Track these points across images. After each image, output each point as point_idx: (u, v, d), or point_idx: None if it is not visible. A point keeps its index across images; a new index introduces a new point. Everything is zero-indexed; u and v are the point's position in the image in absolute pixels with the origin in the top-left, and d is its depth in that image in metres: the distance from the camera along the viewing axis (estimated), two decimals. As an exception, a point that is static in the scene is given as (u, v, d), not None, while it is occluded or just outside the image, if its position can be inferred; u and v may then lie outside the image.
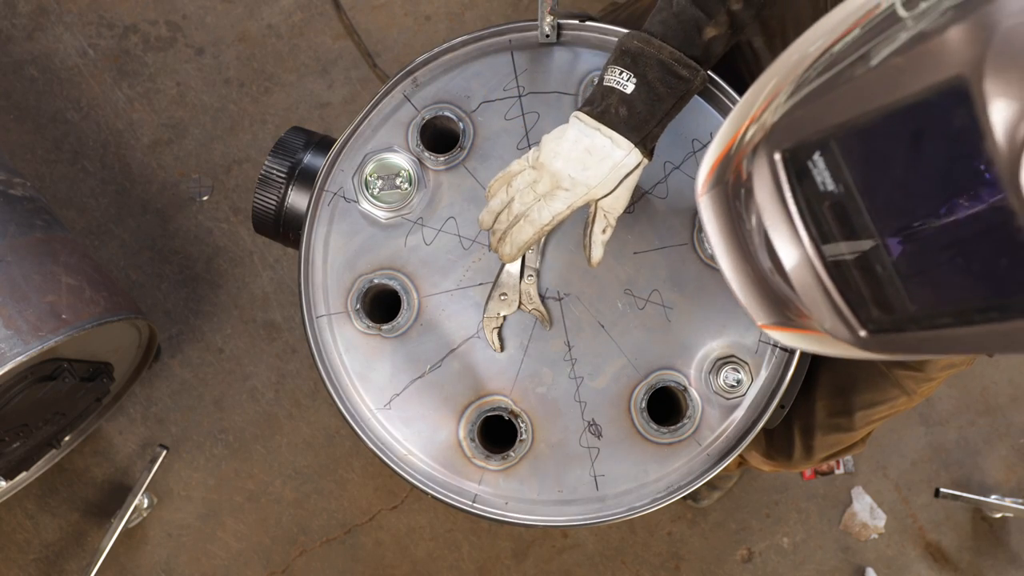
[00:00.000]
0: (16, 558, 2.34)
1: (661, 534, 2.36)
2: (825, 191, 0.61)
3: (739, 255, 0.72)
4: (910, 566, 2.37)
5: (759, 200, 0.66)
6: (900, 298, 0.60)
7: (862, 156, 0.59)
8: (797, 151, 0.63)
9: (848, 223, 0.60)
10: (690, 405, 1.35)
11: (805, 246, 0.63)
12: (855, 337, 0.64)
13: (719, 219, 0.73)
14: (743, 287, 0.73)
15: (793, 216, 0.63)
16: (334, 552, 2.36)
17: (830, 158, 0.60)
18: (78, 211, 2.42)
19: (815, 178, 0.61)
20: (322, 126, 2.43)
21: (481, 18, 2.49)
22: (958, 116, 0.51)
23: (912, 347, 0.62)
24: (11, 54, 2.46)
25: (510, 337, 1.39)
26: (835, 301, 0.64)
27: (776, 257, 0.66)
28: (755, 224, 0.67)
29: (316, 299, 1.40)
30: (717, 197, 0.73)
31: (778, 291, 0.69)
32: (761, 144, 0.66)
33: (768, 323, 0.74)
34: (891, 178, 0.58)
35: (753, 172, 0.66)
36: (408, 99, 1.42)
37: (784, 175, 0.64)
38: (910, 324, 0.60)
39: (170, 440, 2.36)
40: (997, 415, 2.41)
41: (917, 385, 1.42)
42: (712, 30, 1.15)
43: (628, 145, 1.16)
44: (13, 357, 1.70)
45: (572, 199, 1.18)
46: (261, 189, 1.45)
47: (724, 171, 0.72)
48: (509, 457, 1.36)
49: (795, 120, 0.64)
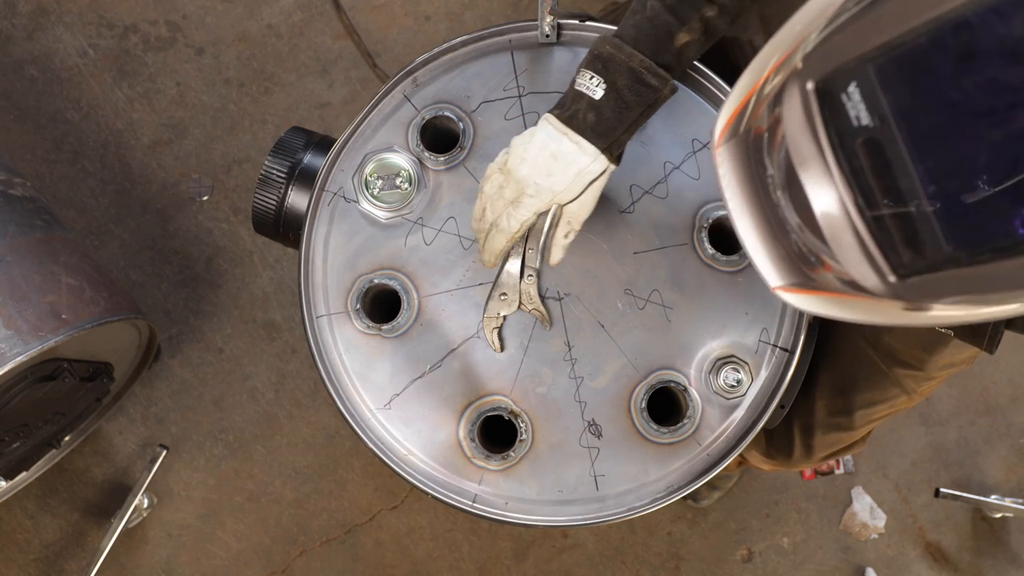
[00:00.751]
0: (16, 558, 2.34)
1: (661, 534, 2.36)
2: (859, 126, 0.58)
3: (758, 209, 0.68)
4: (910, 566, 2.37)
5: (789, 136, 0.62)
6: (935, 237, 0.57)
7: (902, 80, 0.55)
8: (830, 82, 0.60)
9: (883, 159, 0.57)
10: (690, 405, 1.35)
11: (837, 183, 0.60)
12: (884, 283, 0.61)
13: (736, 171, 0.70)
14: (760, 245, 0.70)
15: (825, 152, 0.60)
16: (334, 552, 2.36)
17: (866, 88, 0.57)
18: (78, 211, 2.42)
19: (848, 112, 0.58)
20: (322, 126, 2.43)
21: (481, 18, 2.50)
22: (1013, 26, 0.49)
23: (946, 289, 0.59)
24: (11, 54, 2.46)
25: (510, 337, 1.39)
26: (865, 243, 0.60)
27: (802, 199, 0.62)
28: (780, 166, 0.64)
29: (316, 299, 1.40)
30: (734, 149, 0.70)
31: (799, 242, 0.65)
32: (792, 77, 0.62)
33: (785, 284, 0.70)
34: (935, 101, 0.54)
35: (784, 106, 0.63)
36: (408, 99, 1.42)
37: (816, 108, 0.61)
38: (946, 263, 0.57)
39: (170, 440, 2.36)
40: (997, 415, 2.41)
41: (917, 384, 1.42)
42: (685, 36, 1.15)
43: (594, 151, 1.16)
44: (13, 357, 1.70)
45: (538, 205, 1.18)
46: (261, 189, 1.45)
47: (741, 122, 0.69)
48: (509, 457, 1.36)
49: (829, 48, 0.61)
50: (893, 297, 0.62)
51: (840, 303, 0.66)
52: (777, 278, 0.70)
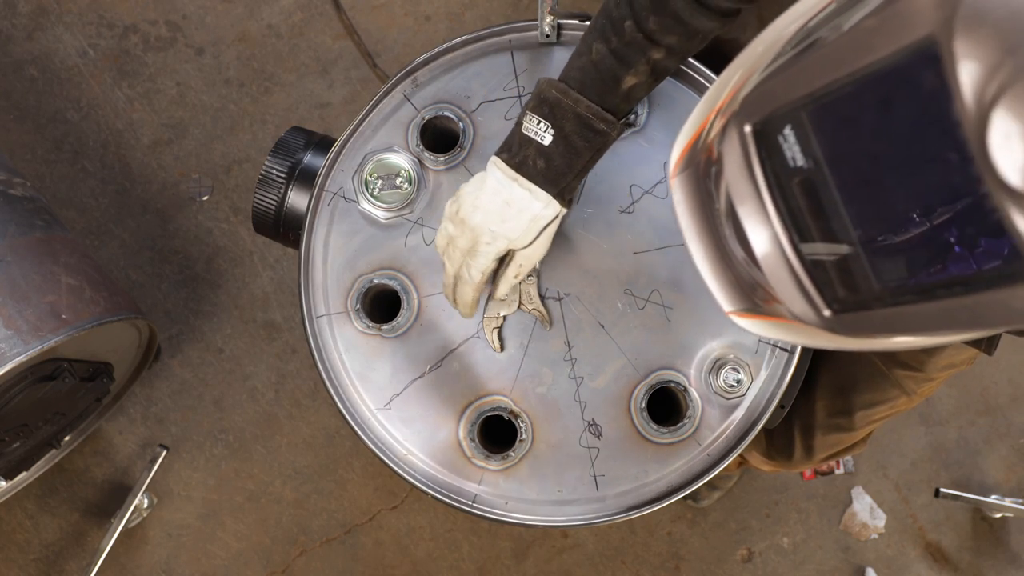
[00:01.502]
0: (16, 558, 2.34)
1: (661, 534, 2.36)
2: (795, 166, 0.60)
3: (708, 238, 0.71)
4: (910, 566, 2.37)
5: (728, 176, 0.65)
6: (866, 276, 0.59)
7: (832, 127, 0.58)
8: (767, 124, 0.62)
9: (816, 199, 0.59)
10: (690, 405, 1.35)
11: (773, 223, 0.62)
12: (820, 317, 0.63)
13: (689, 202, 0.72)
14: (712, 272, 0.73)
15: (762, 192, 0.62)
16: (334, 552, 2.36)
17: (800, 131, 0.59)
18: (78, 211, 2.42)
19: (785, 153, 0.60)
20: (322, 126, 2.43)
21: (481, 18, 2.49)
22: (928, 78, 0.50)
23: (877, 326, 0.61)
24: (11, 54, 2.46)
25: (510, 337, 1.39)
26: (801, 279, 0.62)
27: (743, 235, 0.65)
28: (724, 202, 0.66)
29: (316, 299, 1.40)
30: (687, 179, 0.72)
31: (745, 274, 0.68)
32: (732, 119, 0.65)
33: (736, 310, 0.73)
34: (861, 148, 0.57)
35: (723, 148, 0.65)
36: (408, 99, 1.42)
37: (754, 150, 0.63)
38: (875, 302, 0.59)
39: (170, 440, 2.36)
40: (997, 415, 2.41)
41: (917, 385, 1.42)
42: (632, 79, 1.14)
43: (546, 197, 1.15)
44: (13, 357, 1.70)
45: (495, 252, 1.19)
46: (261, 189, 1.45)
47: (695, 153, 0.71)
48: (509, 457, 1.36)
49: (765, 92, 0.63)
50: (829, 330, 0.64)
51: (788, 328, 0.68)
52: (727, 304, 0.73)
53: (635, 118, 1.38)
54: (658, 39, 1.10)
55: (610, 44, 1.12)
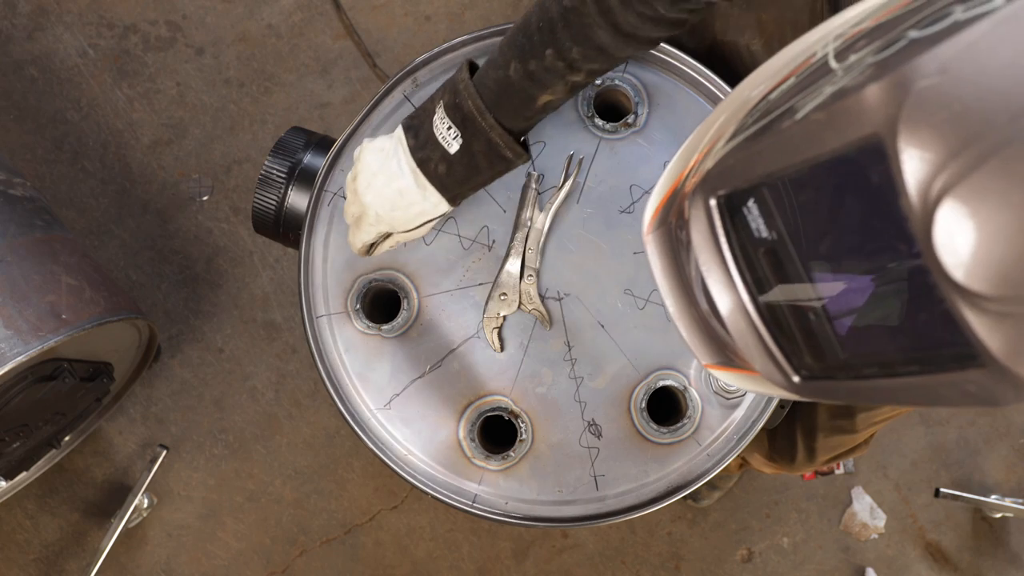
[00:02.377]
0: (16, 558, 2.34)
1: (661, 534, 2.36)
2: (760, 238, 0.61)
3: (682, 296, 0.72)
4: (910, 566, 2.37)
5: (695, 244, 0.66)
6: (831, 346, 0.60)
7: (791, 205, 0.59)
8: (731, 197, 0.63)
9: (782, 270, 0.61)
10: (690, 405, 1.35)
11: (739, 292, 0.64)
12: (788, 383, 0.65)
13: (663, 259, 0.74)
14: (687, 328, 0.74)
15: (728, 262, 0.64)
16: (334, 552, 2.36)
17: (763, 205, 0.61)
18: (78, 211, 2.42)
19: (750, 224, 0.62)
20: (322, 126, 2.43)
21: (481, 18, 2.49)
22: (875, 173, 0.52)
23: (842, 394, 0.63)
24: (11, 54, 2.46)
25: (510, 337, 1.39)
26: (769, 347, 0.64)
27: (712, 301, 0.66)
28: (693, 266, 0.67)
29: (316, 299, 1.40)
30: (662, 237, 0.73)
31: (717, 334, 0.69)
32: (697, 189, 0.66)
33: (712, 363, 0.74)
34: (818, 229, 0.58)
35: (690, 216, 0.66)
36: (408, 99, 1.42)
37: (719, 220, 0.64)
38: (840, 372, 0.61)
39: (170, 440, 2.36)
40: (997, 415, 2.41)
41: (918, 386, 1.42)
42: (547, 97, 1.14)
43: (438, 199, 1.20)
44: (13, 357, 1.70)
45: (375, 232, 1.25)
46: (261, 189, 1.45)
47: (669, 211, 0.72)
48: (509, 457, 1.36)
49: (728, 167, 0.64)
50: (799, 395, 0.66)
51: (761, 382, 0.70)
52: (704, 358, 0.75)
53: (635, 118, 1.38)
54: (579, 67, 1.11)
55: (527, 66, 1.11)
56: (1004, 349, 0.50)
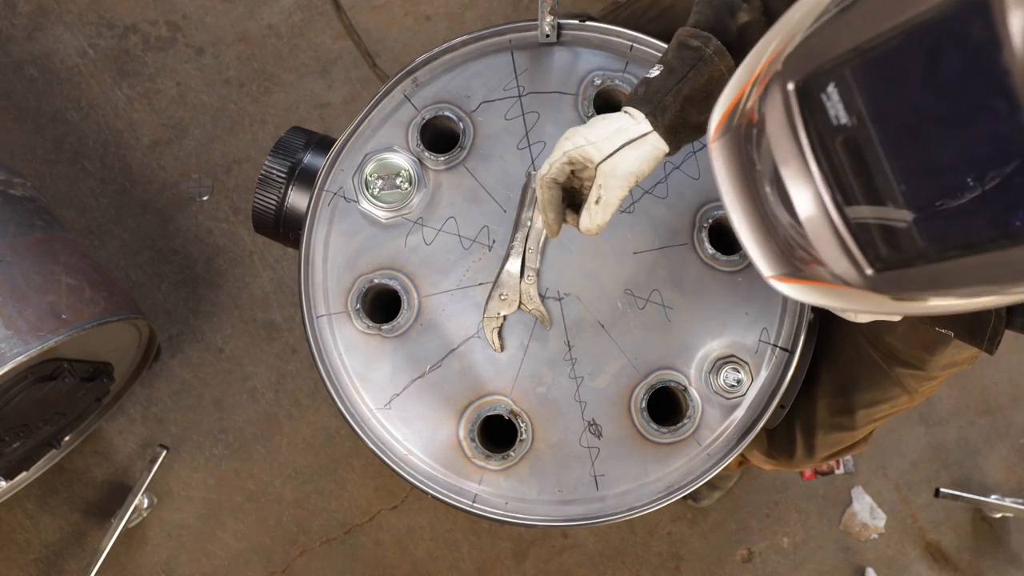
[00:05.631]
0: (16, 558, 2.34)
1: (661, 534, 2.36)
2: (838, 124, 0.60)
3: (749, 202, 0.70)
4: (910, 566, 2.37)
5: (770, 135, 0.64)
6: (910, 233, 0.58)
7: (876, 82, 0.57)
8: (810, 82, 0.62)
9: (860, 157, 0.59)
10: (690, 405, 1.35)
11: (816, 182, 0.62)
12: (862, 277, 0.63)
13: (730, 166, 0.72)
14: (753, 236, 0.72)
15: (805, 151, 0.62)
16: (334, 552, 2.36)
17: (844, 88, 0.59)
18: (78, 211, 2.42)
19: (828, 111, 0.60)
20: (322, 126, 2.43)
21: (481, 18, 2.49)
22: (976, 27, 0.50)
23: (920, 284, 0.61)
24: (11, 54, 2.46)
25: (510, 337, 1.39)
26: (843, 238, 0.62)
27: (786, 195, 0.64)
28: (766, 163, 0.66)
29: (316, 299, 1.40)
30: (728, 143, 0.72)
31: (787, 235, 0.67)
32: (774, 78, 0.64)
33: (776, 274, 0.72)
34: (906, 102, 0.56)
35: (765, 108, 0.65)
36: (408, 99, 1.42)
37: (796, 108, 0.63)
38: (918, 259, 0.59)
39: (170, 440, 2.36)
40: (997, 415, 2.41)
41: (918, 384, 1.42)
42: (745, 15, 1.17)
43: (638, 114, 1.17)
44: (13, 357, 1.70)
45: (571, 145, 1.17)
46: (261, 189, 1.45)
47: (734, 118, 0.71)
48: (509, 457, 1.36)
49: (809, 49, 0.63)
50: (872, 290, 0.64)
51: (830, 292, 0.68)
52: (768, 268, 0.73)
53: None
54: None
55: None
56: None
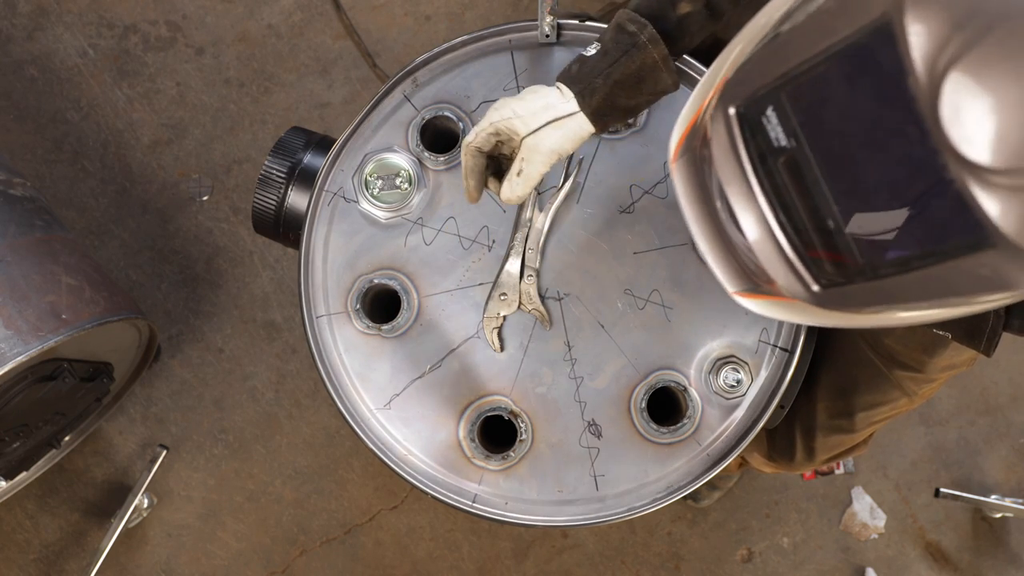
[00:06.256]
0: (16, 558, 2.34)
1: (661, 534, 2.36)
2: (778, 146, 0.61)
3: (707, 221, 0.72)
4: (910, 566, 2.37)
5: (716, 158, 0.66)
6: (850, 251, 0.60)
7: (807, 107, 0.59)
8: (750, 106, 0.63)
9: (800, 178, 0.61)
10: (690, 405, 1.35)
11: (759, 202, 0.64)
12: (810, 293, 0.65)
13: (688, 185, 0.73)
14: (712, 255, 0.74)
15: (747, 172, 0.64)
16: (334, 552, 2.36)
17: (781, 112, 0.61)
18: (78, 211, 2.42)
19: (768, 134, 0.62)
20: (322, 126, 2.43)
21: (481, 18, 2.49)
22: (885, 55, 0.52)
23: (863, 300, 0.63)
24: (11, 54, 2.46)
25: (510, 337, 1.39)
26: (788, 257, 0.64)
27: (734, 216, 0.66)
28: (716, 184, 0.67)
29: (316, 299, 1.40)
30: (686, 164, 0.73)
31: (742, 255, 0.69)
32: (717, 103, 0.66)
33: (738, 290, 0.74)
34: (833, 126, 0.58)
35: (712, 130, 0.66)
36: (408, 99, 1.42)
37: (738, 131, 0.64)
38: (858, 276, 0.61)
39: (170, 440, 2.36)
40: (997, 415, 2.41)
41: (918, 386, 1.42)
42: (687, 6, 1.16)
43: (568, 93, 1.17)
44: (13, 357, 1.70)
45: (498, 117, 1.17)
46: (261, 189, 1.45)
47: (692, 138, 0.72)
48: (509, 457, 1.36)
49: (745, 76, 0.64)
50: (821, 306, 0.66)
51: (786, 307, 0.70)
52: (731, 285, 0.75)
53: (635, 119, 1.38)
54: None
55: None
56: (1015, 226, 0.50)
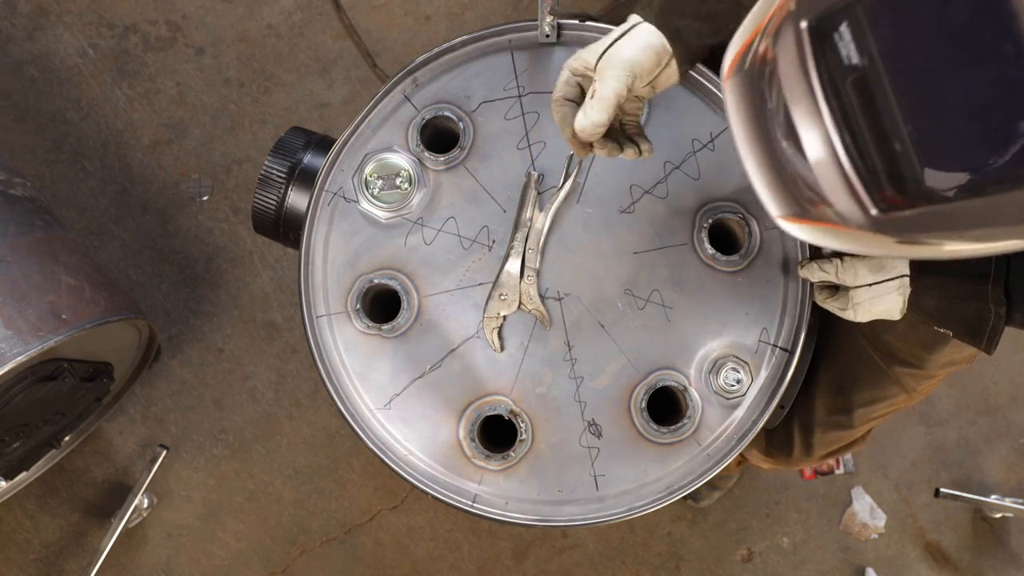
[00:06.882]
0: (16, 558, 2.34)
1: (661, 534, 2.36)
2: (849, 64, 0.60)
3: (759, 140, 0.71)
4: (910, 566, 2.37)
5: (782, 74, 0.64)
6: (915, 173, 0.59)
7: (887, 23, 0.58)
8: (822, 22, 0.62)
9: (870, 98, 0.60)
10: (690, 405, 1.35)
11: (825, 121, 0.62)
12: (867, 217, 0.63)
13: (742, 105, 0.72)
14: (762, 175, 0.72)
15: (816, 91, 0.63)
16: (334, 552, 2.36)
17: (856, 27, 0.59)
18: (78, 211, 2.42)
19: (840, 51, 0.60)
20: (322, 126, 2.43)
21: (481, 18, 2.49)
22: None
23: (925, 225, 0.61)
24: (11, 54, 2.46)
25: (510, 337, 1.39)
26: (850, 178, 0.63)
27: (795, 135, 0.65)
28: (777, 102, 0.66)
29: (316, 299, 1.40)
30: (741, 82, 0.72)
31: (796, 174, 0.67)
32: (787, 17, 0.64)
33: (784, 214, 0.73)
34: (916, 43, 0.57)
35: (778, 47, 0.65)
36: (408, 99, 1.42)
37: (809, 47, 0.63)
38: (922, 199, 0.60)
39: (170, 440, 2.36)
40: (997, 415, 2.41)
41: (917, 383, 1.42)
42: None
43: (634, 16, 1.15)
44: (13, 357, 1.70)
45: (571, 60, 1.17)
46: (261, 189, 1.45)
47: (748, 56, 0.71)
48: (509, 457, 1.36)
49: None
50: (876, 231, 0.64)
51: (836, 234, 0.68)
52: (777, 208, 0.73)
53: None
54: None
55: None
56: None
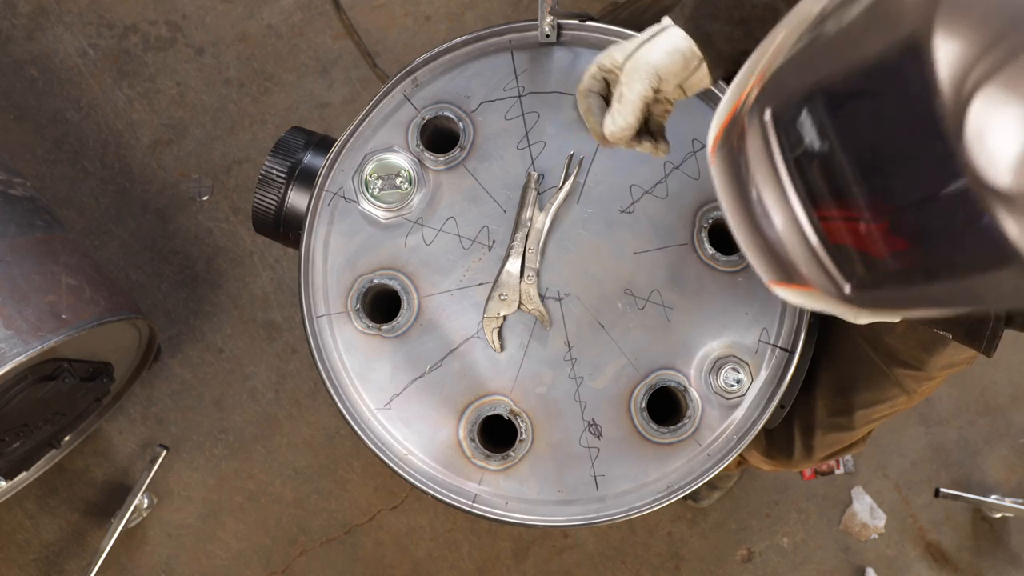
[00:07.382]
0: (16, 558, 2.34)
1: (661, 534, 2.36)
2: (813, 150, 0.62)
3: (744, 214, 0.72)
4: (910, 566, 2.37)
5: (751, 159, 0.67)
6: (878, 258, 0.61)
7: (841, 114, 0.60)
8: (785, 108, 0.64)
9: (835, 181, 0.61)
10: (690, 405, 1.35)
11: (793, 206, 0.65)
12: (841, 293, 0.66)
13: (726, 179, 0.74)
14: (748, 245, 0.74)
15: (781, 176, 0.65)
16: (334, 552, 2.36)
17: (815, 115, 0.61)
18: (78, 211, 2.42)
19: (803, 136, 0.62)
20: (322, 126, 2.43)
21: (481, 18, 2.49)
22: (912, 73, 0.52)
23: (894, 302, 0.64)
24: (11, 54, 2.46)
25: (510, 337, 1.39)
26: (820, 257, 0.65)
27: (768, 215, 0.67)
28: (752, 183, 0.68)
29: (316, 299, 1.40)
30: (725, 157, 0.74)
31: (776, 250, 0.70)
32: (753, 104, 0.67)
33: (773, 279, 0.75)
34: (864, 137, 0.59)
35: (746, 131, 0.67)
36: (408, 99, 1.42)
37: (773, 134, 0.65)
38: (888, 280, 0.62)
39: (170, 440, 2.36)
40: (997, 415, 2.41)
41: (917, 384, 1.42)
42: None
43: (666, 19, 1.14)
44: (13, 357, 1.70)
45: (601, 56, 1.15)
46: (261, 189, 1.45)
47: (730, 132, 0.72)
48: (509, 457, 1.36)
49: (781, 79, 0.65)
50: (851, 304, 0.67)
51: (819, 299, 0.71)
52: (766, 274, 0.75)
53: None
54: None
55: None
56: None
